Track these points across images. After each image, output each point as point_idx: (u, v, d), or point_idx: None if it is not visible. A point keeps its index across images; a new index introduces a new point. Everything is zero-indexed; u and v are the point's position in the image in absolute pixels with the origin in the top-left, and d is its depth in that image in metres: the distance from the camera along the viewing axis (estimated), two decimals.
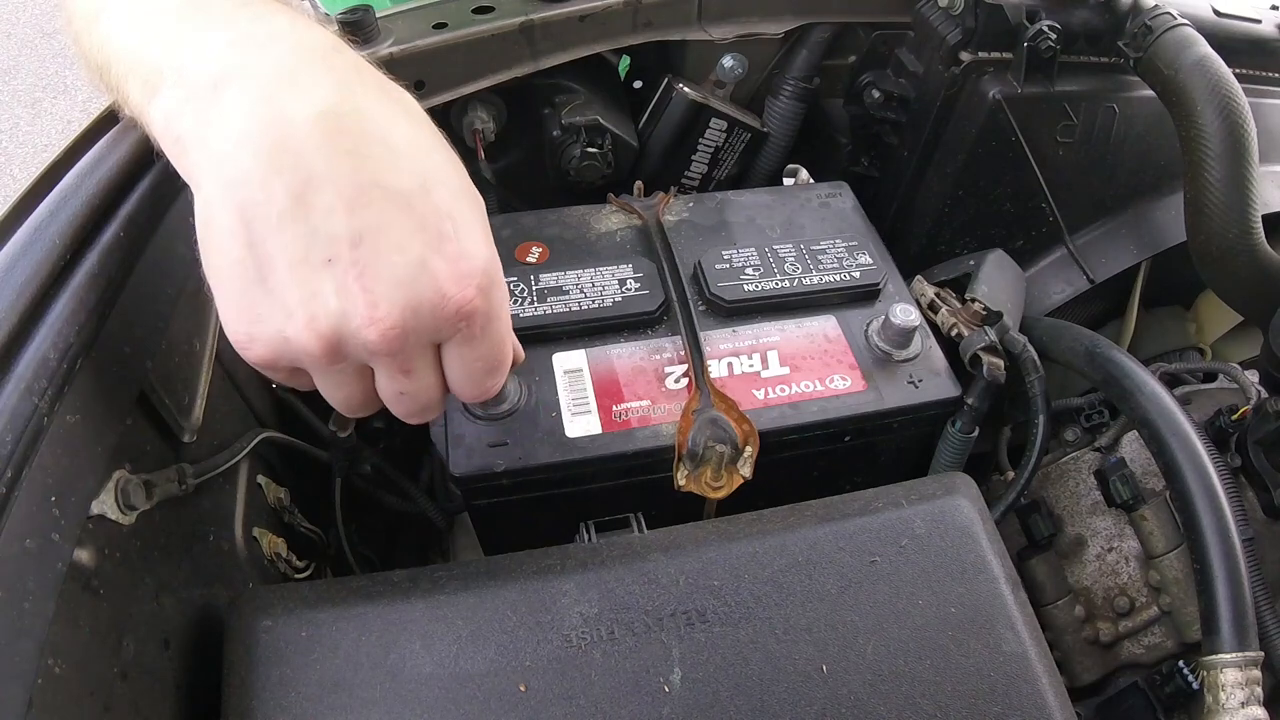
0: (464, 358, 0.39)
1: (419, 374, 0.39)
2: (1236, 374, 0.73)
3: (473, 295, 0.36)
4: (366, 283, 0.34)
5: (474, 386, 0.41)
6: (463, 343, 0.39)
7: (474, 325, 0.38)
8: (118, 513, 0.42)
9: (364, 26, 0.67)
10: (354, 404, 0.41)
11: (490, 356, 0.40)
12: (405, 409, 0.41)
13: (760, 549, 0.48)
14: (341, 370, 0.38)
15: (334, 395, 0.40)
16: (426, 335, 0.37)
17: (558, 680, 0.43)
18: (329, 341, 0.35)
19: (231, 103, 0.34)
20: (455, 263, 0.36)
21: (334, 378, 0.39)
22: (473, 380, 0.41)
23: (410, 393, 0.40)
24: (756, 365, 0.61)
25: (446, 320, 0.36)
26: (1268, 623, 0.55)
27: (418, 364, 0.38)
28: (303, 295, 0.34)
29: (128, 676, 0.40)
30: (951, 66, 0.72)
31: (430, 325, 0.36)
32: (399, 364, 0.38)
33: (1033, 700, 0.45)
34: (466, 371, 0.40)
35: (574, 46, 0.74)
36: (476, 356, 0.40)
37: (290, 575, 0.61)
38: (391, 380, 0.39)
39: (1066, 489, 0.73)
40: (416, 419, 0.42)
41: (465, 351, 0.39)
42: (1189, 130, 0.67)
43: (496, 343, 0.40)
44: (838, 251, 0.67)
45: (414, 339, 0.36)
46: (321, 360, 0.36)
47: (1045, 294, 0.82)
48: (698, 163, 0.85)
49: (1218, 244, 0.68)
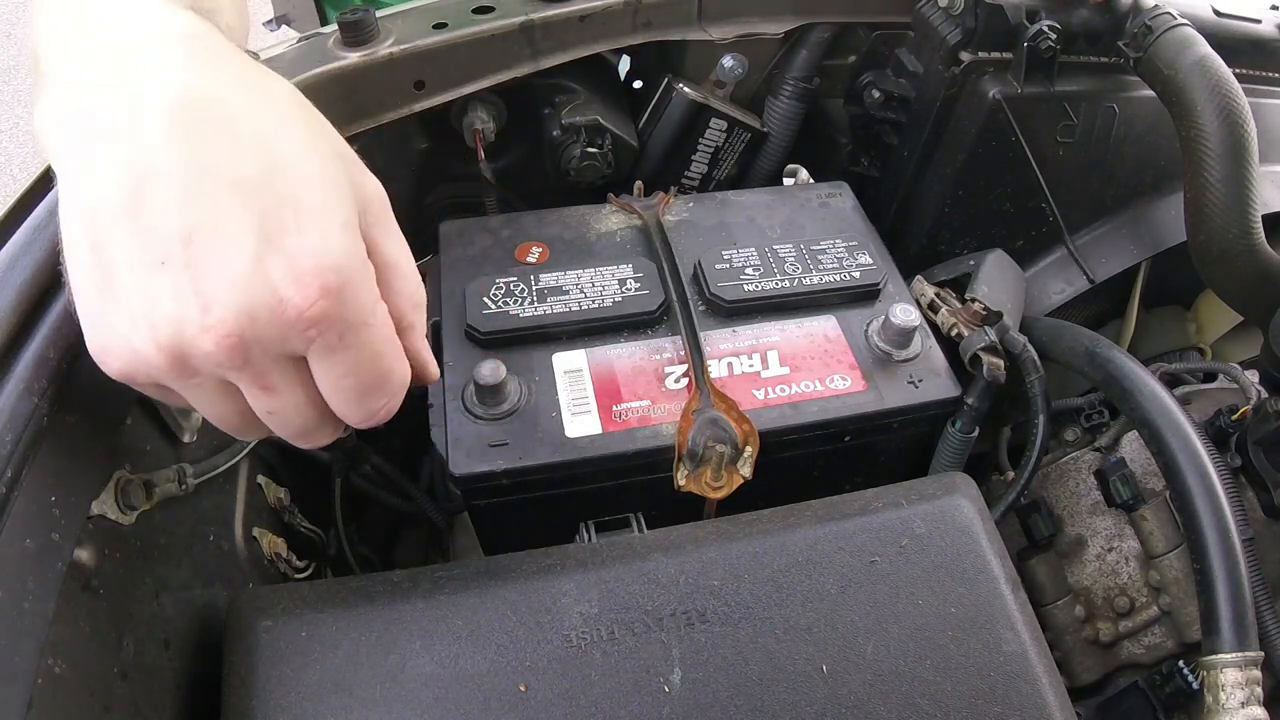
0: (329, 374, 0.35)
1: (280, 390, 0.35)
2: (1236, 374, 0.73)
3: (314, 297, 0.32)
4: (200, 285, 0.31)
5: (352, 408, 0.36)
6: (323, 355, 0.34)
7: (328, 333, 0.33)
8: (118, 513, 0.42)
9: (364, 26, 0.67)
10: (231, 423, 0.37)
11: (360, 372, 0.35)
12: (285, 431, 0.37)
13: (760, 549, 0.48)
14: (199, 385, 0.34)
15: (207, 412, 0.36)
16: (273, 345, 0.32)
17: (558, 680, 0.43)
18: (170, 352, 0.31)
19: (80, 96, 0.32)
20: (294, 259, 0.31)
21: (196, 394, 0.35)
22: (347, 401, 0.36)
23: (279, 412, 0.35)
24: (756, 365, 0.61)
25: (289, 327, 0.32)
26: (1268, 623, 0.55)
27: (276, 379, 0.34)
28: (143, 302, 0.31)
29: (128, 676, 0.40)
30: (951, 66, 0.72)
31: (273, 333, 0.32)
32: (253, 379, 0.34)
33: (1033, 700, 0.45)
34: (336, 390, 0.35)
35: (574, 46, 0.74)
36: (343, 373, 0.34)
37: (290, 575, 0.61)
38: (254, 398, 0.35)
39: (1066, 489, 0.73)
40: (303, 441, 0.38)
41: (328, 366, 0.34)
42: (1189, 130, 0.67)
43: (368, 356, 0.35)
44: (838, 251, 0.67)
45: (258, 349, 0.32)
46: (170, 373, 0.32)
47: (1045, 294, 0.82)
48: (698, 163, 0.85)
49: (1218, 244, 0.68)
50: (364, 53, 0.67)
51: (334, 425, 0.38)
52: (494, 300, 0.62)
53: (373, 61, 0.67)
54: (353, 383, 0.35)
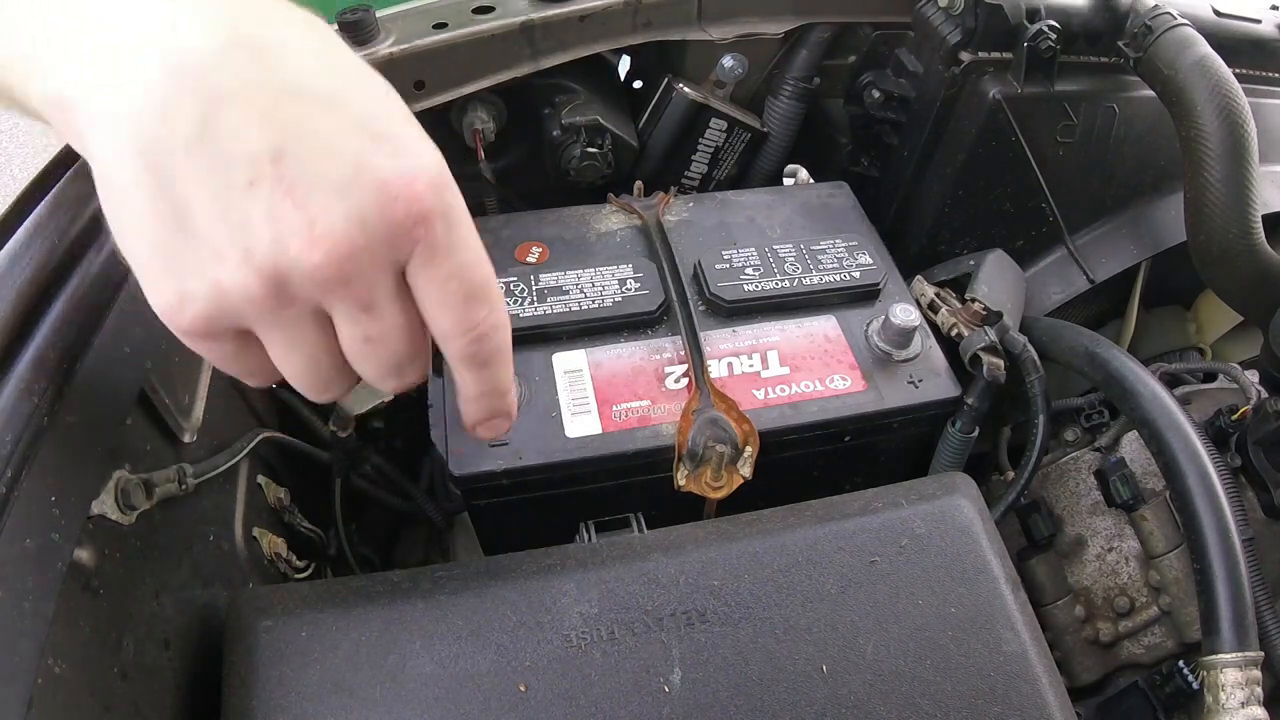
0: (434, 279, 0.33)
1: (383, 309, 0.33)
2: (1236, 374, 0.73)
3: (423, 190, 0.31)
4: (298, 198, 0.29)
5: (456, 318, 0.34)
6: (428, 259, 0.33)
7: (434, 230, 0.32)
8: (118, 513, 0.42)
9: (364, 26, 0.67)
10: (320, 370, 0.35)
11: (466, 274, 0.34)
12: (378, 364, 0.35)
13: (760, 549, 0.48)
14: (295, 320, 0.32)
15: (293, 359, 0.34)
16: (381, 253, 0.31)
17: (558, 680, 0.43)
18: (270, 277, 0.30)
19: (113, 45, 0.30)
20: (396, 158, 0.31)
21: (288, 333, 0.33)
22: (454, 311, 0.34)
23: (378, 337, 0.34)
24: (756, 365, 0.61)
25: (399, 226, 0.31)
26: (1268, 623, 0.55)
27: (379, 295, 0.32)
28: (230, 230, 0.29)
29: (128, 676, 0.40)
30: (951, 66, 0.72)
31: (383, 236, 0.31)
32: (356, 295, 0.32)
33: (1033, 700, 0.45)
34: (444, 299, 0.34)
35: (574, 46, 0.74)
36: (449, 274, 0.33)
37: (290, 575, 0.61)
38: (354, 323, 0.33)
39: (1066, 489, 0.73)
40: (394, 379, 0.36)
41: (434, 271, 0.33)
42: (1189, 130, 0.67)
43: (470, 257, 0.34)
44: (838, 251, 0.67)
45: (367, 258, 0.31)
46: (267, 304, 0.31)
47: (1045, 294, 0.82)
48: (698, 163, 0.85)
49: (1218, 244, 0.68)
50: (364, 53, 0.67)
51: (426, 356, 0.36)
52: None
53: (373, 61, 0.67)
54: (458, 286, 0.34)
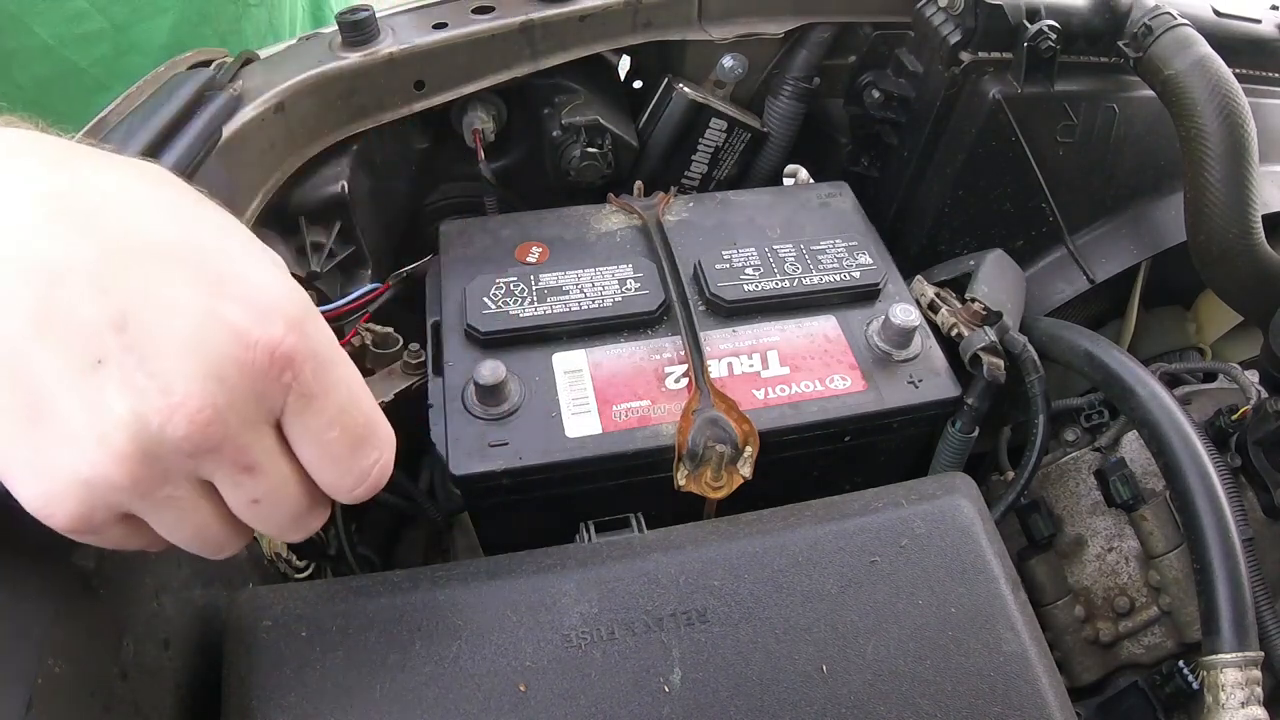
0: (312, 430, 0.31)
1: (265, 467, 0.31)
2: (1236, 374, 0.73)
3: (281, 331, 0.29)
4: (149, 367, 0.27)
5: (343, 469, 0.32)
6: (302, 408, 0.30)
7: (302, 373, 0.30)
8: None
9: (364, 26, 0.67)
10: (213, 534, 0.32)
11: (347, 420, 0.32)
12: (274, 523, 0.33)
13: (760, 549, 0.48)
14: (173, 496, 0.30)
15: (182, 533, 0.32)
16: (250, 408, 0.29)
17: (558, 680, 0.43)
18: (136, 459, 0.28)
19: None
20: (247, 302, 0.29)
21: (169, 510, 0.30)
22: (337, 461, 0.32)
23: (267, 497, 0.32)
24: (756, 365, 0.61)
25: (263, 374, 0.29)
26: (1268, 623, 0.55)
27: (257, 454, 0.30)
28: (87, 415, 0.27)
29: (128, 676, 0.40)
30: (951, 66, 0.72)
31: (247, 390, 0.29)
32: (233, 459, 0.30)
33: (1033, 700, 0.45)
34: (326, 452, 0.32)
35: (574, 46, 0.74)
36: (328, 422, 0.31)
37: (290, 575, 0.61)
38: (237, 487, 0.31)
39: (1066, 489, 0.73)
40: (296, 532, 0.34)
41: (310, 420, 0.31)
42: (1189, 130, 0.67)
43: (347, 396, 0.32)
44: (838, 251, 0.67)
45: (234, 417, 0.29)
46: (139, 487, 0.29)
47: (1045, 294, 0.82)
48: (698, 163, 0.85)
49: (1218, 244, 0.68)
50: (364, 53, 0.67)
51: (325, 503, 0.34)
52: (494, 300, 0.62)
53: (373, 61, 0.67)
54: (339, 435, 0.32)
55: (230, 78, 0.63)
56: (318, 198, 0.68)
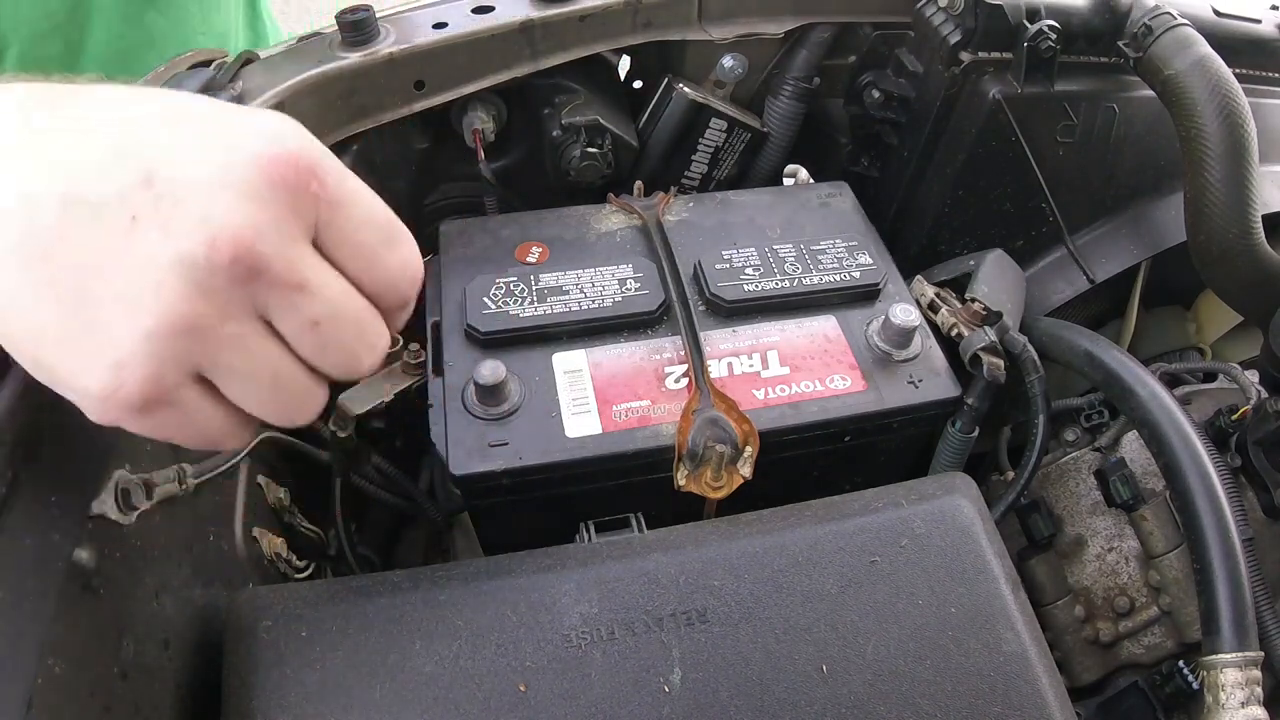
0: (347, 232, 0.32)
1: (317, 282, 0.32)
2: (1236, 374, 0.73)
3: (298, 148, 0.31)
4: (185, 205, 0.29)
5: (382, 269, 0.34)
6: (333, 213, 0.32)
7: (328, 182, 0.31)
8: (118, 513, 0.42)
9: (364, 26, 0.67)
10: (286, 385, 0.33)
11: (376, 219, 0.34)
12: (341, 347, 0.33)
13: (760, 549, 0.48)
14: (239, 337, 0.31)
15: (255, 384, 0.32)
16: (289, 222, 0.30)
17: (558, 680, 0.43)
18: (191, 297, 0.29)
19: None
20: (263, 133, 0.31)
21: (238, 354, 0.31)
22: (373, 260, 0.33)
23: (325, 315, 0.32)
24: (756, 365, 0.61)
25: (294, 187, 0.30)
26: (1268, 623, 0.55)
27: (306, 268, 0.31)
28: (136, 274, 0.28)
29: (128, 676, 0.40)
30: (951, 66, 0.72)
31: (283, 203, 0.30)
32: (284, 276, 0.30)
33: (1033, 700, 0.45)
34: (360, 251, 0.33)
35: (574, 46, 0.74)
36: (360, 222, 0.33)
37: (290, 575, 0.61)
38: (295, 310, 0.31)
39: (1066, 489, 0.73)
40: (368, 356, 0.34)
41: (344, 223, 0.32)
42: (1189, 130, 0.67)
43: (369, 202, 0.34)
44: (838, 251, 0.67)
45: (275, 232, 0.30)
46: (203, 329, 0.29)
47: (1045, 294, 0.82)
48: (698, 163, 0.85)
49: (1218, 244, 0.68)
50: (364, 53, 0.67)
51: (380, 321, 0.35)
52: (494, 300, 0.62)
53: (373, 61, 0.67)
54: (371, 234, 0.34)
55: (230, 78, 0.63)
56: None
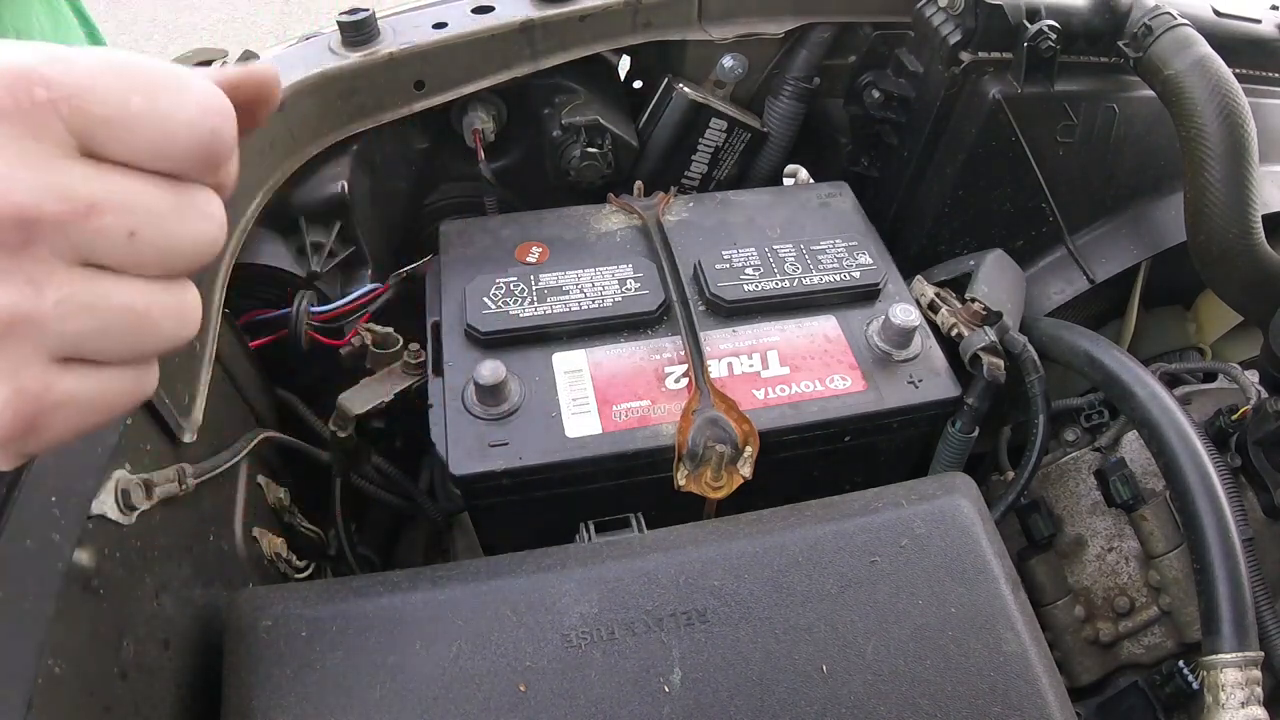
0: (104, 115, 0.26)
1: (103, 189, 0.26)
2: (1236, 374, 0.73)
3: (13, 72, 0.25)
4: None
5: (164, 128, 0.27)
6: (79, 108, 0.26)
7: (51, 81, 0.25)
8: (118, 513, 0.42)
9: (364, 26, 0.67)
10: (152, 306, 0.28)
11: (124, 83, 0.26)
12: (166, 237, 0.28)
13: (760, 549, 0.48)
14: (65, 298, 0.26)
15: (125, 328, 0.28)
16: (34, 151, 0.25)
17: (558, 680, 0.43)
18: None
19: None
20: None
21: (81, 312, 0.27)
22: (153, 124, 0.27)
23: (138, 221, 0.27)
24: (756, 365, 0.61)
25: (9, 111, 0.25)
26: (1268, 623, 0.55)
27: (81, 185, 0.26)
28: None
29: (128, 676, 0.40)
30: (952, 66, 0.72)
31: (11, 136, 0.25)
32: (65, 208, 0.26)
33: (1033, 700, 0.45)
34: (131, 126, 0.27)
35: (574, 46, 0.74)
36: (112, 99, 0.26)
37: (290, 575, 0.61)
38: (103, 235, 0.27)
39: (1066, 489, 0.73)
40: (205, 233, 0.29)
41: (95, 108, 0.26)
42: (1189, 130, 0.67)
43: (112, 70, 0.26)
44: (838, 251, 0.67)
45: (23, 169, 0.25)
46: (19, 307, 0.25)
47: (1045, 294, 0.82)
48: (698, 163, 0.85)
49: (1218, 244, 0.68)
50: (364, 53, 0.67)
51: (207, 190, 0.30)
52: (494, 300, 0.62)
53: (373, 61, 0.67)
54: (139, 100, 0.27)
55: None
56: (318, 198, 0.68)
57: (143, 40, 3.21)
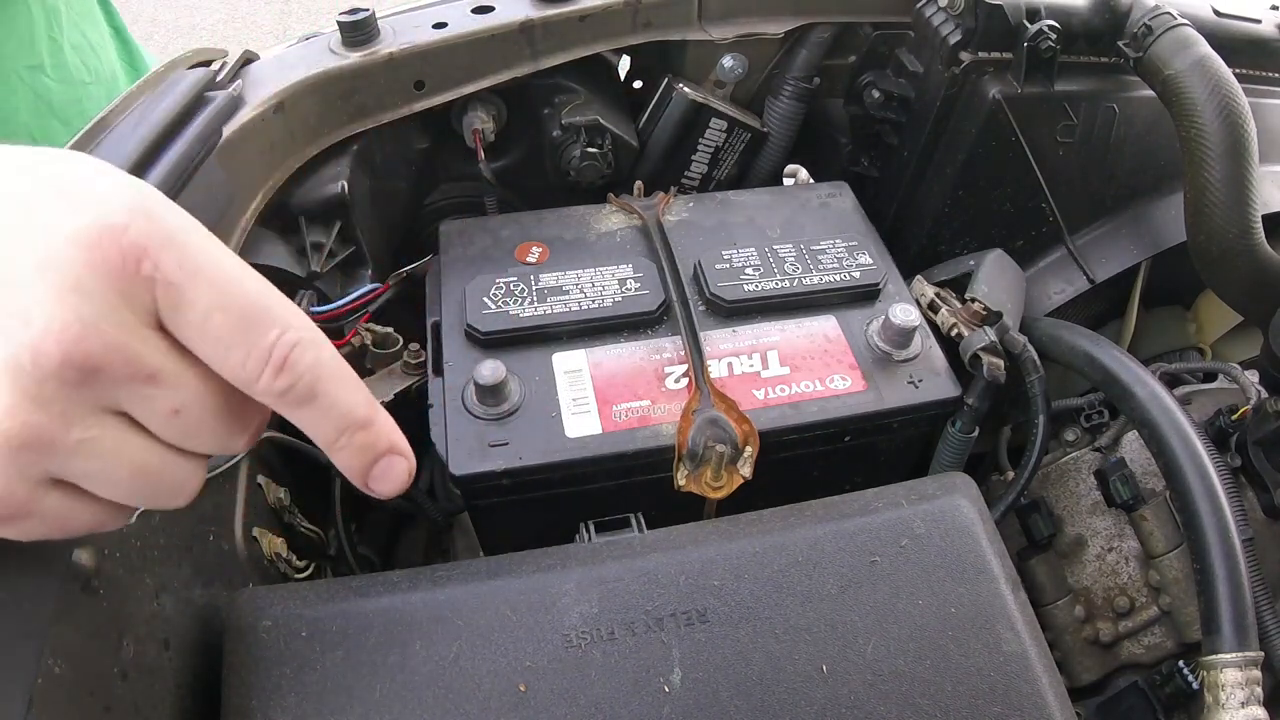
0: (194, 317, 0.28)
1: (166, 370, 0.28)
2: (1236, 374, 0.73)
3: (123, 220, 0.26)
4: (4, 303, 0.25)
5: (241, 357, 0.29)
6: (176, 299, 0.27)
7: (164, 260, 0.27)
8: None
9: (364, 26, 0.67)
10: (162, 476, 0.30)
11: (228, 299, 0.28)
12: (207, 431, 0.30)
13: (760, 549, 0.48)
14: (89, 440, 0.28)
15: (127, 480, 0.29)
16: (120, 312, 0.26)
17: (558, 680, 0.43)
18: (23, 407, 0.26)
19: None
20: (78, 206, 0.26)
21: (96, 458, 0.28)
22: (230, 348, 0.28)
23: (184, 405, 0.29)
24: (756, 365, 0.61)
25: (119, 272, 0.26)
26: (1268, 623, 0.55)
27: (150, 358, 0.27)
28: None
29: (128, 676, 0.40)
30: (952, 66, 0.72)
31: (111, 293, 0.26)
32: (127, 371, 0.27)
33: (1033, 700, 0.45)
34: (216, 336, 0.28)
35: (574, 46, 0.74)
36: (209, 306, 0.28)
37: (290, 575, 0.61)
38: (149, 401, 0.28)
39: (1066, 489, 0.73)
40: (234, 437, 0.32)
41: (189, 308, 0.28)
42: (1189, 130, 0.67)
43: (225, 274, 0.28)
44: (838, 251, 0.67)
45: (108, 324, 0.26)
46: (45, 438, 0.26)
47: (1045, 294, 0.82)
48: (698, 163, 0.85)
49: (1218, 244, 0.68)
50: (364, 53, 0.67)
51: (253, 404, 0.32)
52: (494, 300, 0.62)
53: (373, 61, 0.67)
54: (223, 318, 0.28)
55: (230, 78, 0.63)
56: (318, 198, 0.68)
57: (143, 40, 3.20)
